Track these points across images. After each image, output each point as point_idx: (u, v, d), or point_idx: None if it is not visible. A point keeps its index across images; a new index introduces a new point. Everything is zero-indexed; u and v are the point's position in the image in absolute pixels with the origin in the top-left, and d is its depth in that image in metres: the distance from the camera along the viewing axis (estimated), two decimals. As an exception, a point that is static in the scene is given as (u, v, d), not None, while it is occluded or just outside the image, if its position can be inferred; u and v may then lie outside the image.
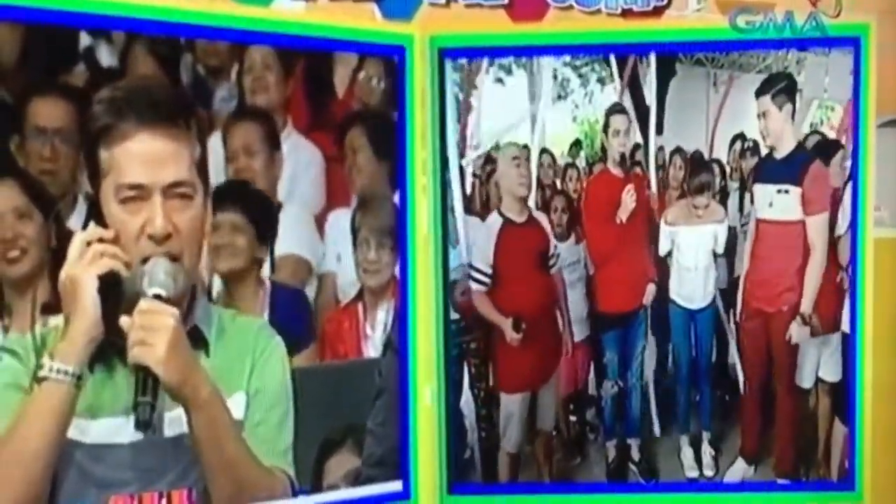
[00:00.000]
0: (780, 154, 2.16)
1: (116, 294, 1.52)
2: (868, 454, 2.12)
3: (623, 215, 2.19)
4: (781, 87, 2.12)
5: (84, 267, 1.49)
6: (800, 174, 2.14)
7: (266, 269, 1.96)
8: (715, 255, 2.23)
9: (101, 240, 1.51)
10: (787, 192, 2.15)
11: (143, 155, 1.51)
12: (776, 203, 2.16)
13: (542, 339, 2.21)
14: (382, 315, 2.05)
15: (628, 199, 2.18)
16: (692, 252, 2.21)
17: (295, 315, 1.99)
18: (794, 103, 2.12)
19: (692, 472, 2.21)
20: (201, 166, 1.59)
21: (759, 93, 2.13)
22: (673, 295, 2.22)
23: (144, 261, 1.51)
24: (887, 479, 2.12)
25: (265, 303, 1.95)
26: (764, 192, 2.17)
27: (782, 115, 2.13)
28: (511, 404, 2.20)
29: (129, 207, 1.52)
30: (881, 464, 2.12)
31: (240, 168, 1.94)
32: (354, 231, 2.03)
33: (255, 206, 1.94)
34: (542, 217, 2.20)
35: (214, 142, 1.90)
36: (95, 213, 1.56)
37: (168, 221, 1.52)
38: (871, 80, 2.05)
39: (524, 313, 2.17)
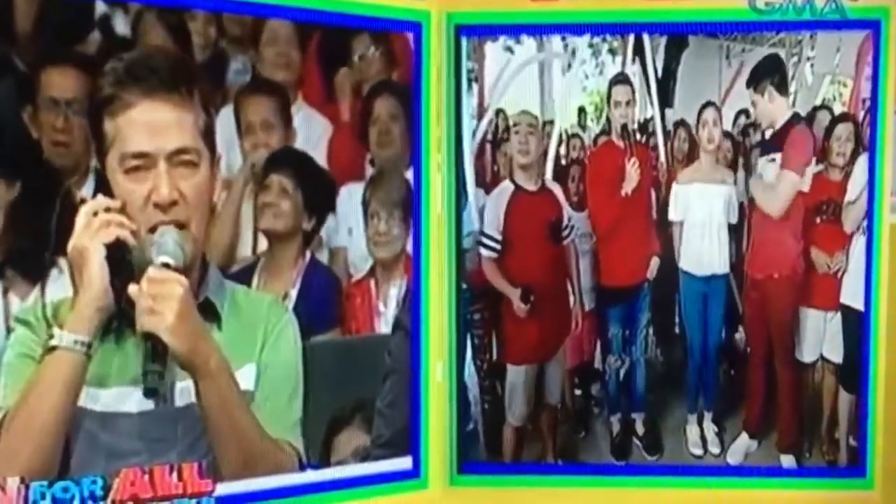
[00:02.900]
0: (775, 127, 2.16)
1: (125, 264, 1.52)
2: (880, 443, 2.11)
3: (628, 188, 2.17)
4: (762, 74, 2.12)
5: (91, 236, 1.50)
6: (784, 139, 2.15)
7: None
8: (729, 229, 2.21)
9: (107, 209, 1.52)
10: (773, 159, 2.15)
11: (147, 123, 1.52)
12: (765, 172, 2.16)
13: (550, 310, 2.20)
14: (394, 291, 2.05)
15: (633, 171, 2.16)
16: (706, 207, 2.19)
17: (324, 296, 1.99)
18: (776, 83, 2.12)
19: (697, 449, 2.21)
20: (207, 133, 1.60)
21: (748, 85, 2.14)
22: (684, 265, 2.21)
23: (152, 230, 1.52)
24: (899, 465, 2.12)
25: (299, 275, 1.96)
26: (757, 164, 2.18)
27: (765, 99, 2.13)
28: (517, 376, 2.20)
29: (134, 176, 1.53)
30: (892, 451, 2.11)
31: (257, 143, 1.94)
32: (365, 204, 2.03)
33: (308, 175, 1.95)
34: (555, 187, 2.19)
35: (226, 115, 1.90)
36: (103, 186, 1.57)
37: (173, 188, 1.53)
38: (891, 63, 2.04)
39: (533, 283, 2.16)
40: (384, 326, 2.05)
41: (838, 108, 2.12)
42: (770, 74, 2.13)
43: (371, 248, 2.04)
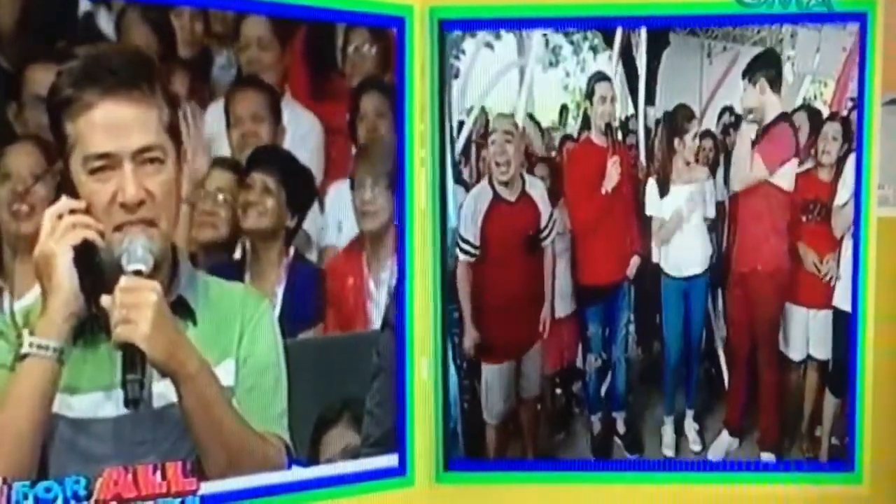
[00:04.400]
0: (764, 123, 2.15)
1: (94, 266, 1.51)
2: (868, 436, 2.11)
3: (608, 186, 2.16)
4: (757, 65, 2.12)
5: (57, 240, 1.48)
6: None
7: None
8: (708, 227, 2.21)
9: (72, 211, 1.50)
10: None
11: (108, 123, 1.49)
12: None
13: (524, 310, 2.19)
14: (385, 275, 2.04)
15: (613, 169, 2.15)
16: (685, 207, 2.19)
17: (309, 292, 1.99)
18: (770, 77, 2.11)
19: (677, 448, 2.20)
20: (172, 128, 1.57)
21: (744, 75, 2.14)
22: (664, 266, 2.20)
23: (118, 228, 1.50)
24: (887, 459, 2.11)
25: (284, 272, 1.96)
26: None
27: (756, 90, 2.13)
28: (492, 374, 2.19)
29: (99, 177, 1.50)
30: (880, 445, 2.11)
31: (246, 133, 1.93)
32: (351, 177, 2.02)
33: (289, 172, 1.95)
34: (534, 190, 2.17)
35: (215, 110, 1.89)
36: (67, 187, 1.54)
37: (140, 188, 1.50)
38: (877, 56, 2.03)
39: (506, 296, 2.16)
40: (375, 311, 2.04)
41: (820, 107, 2.11)
42: (765, 69, 2.11)
43: (358, 219, 2.03)
